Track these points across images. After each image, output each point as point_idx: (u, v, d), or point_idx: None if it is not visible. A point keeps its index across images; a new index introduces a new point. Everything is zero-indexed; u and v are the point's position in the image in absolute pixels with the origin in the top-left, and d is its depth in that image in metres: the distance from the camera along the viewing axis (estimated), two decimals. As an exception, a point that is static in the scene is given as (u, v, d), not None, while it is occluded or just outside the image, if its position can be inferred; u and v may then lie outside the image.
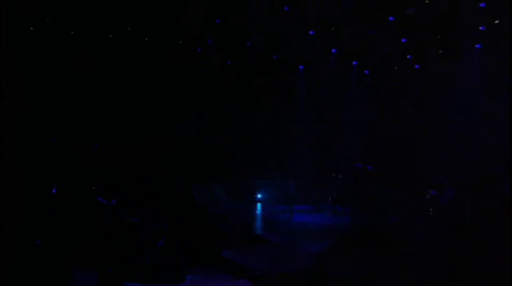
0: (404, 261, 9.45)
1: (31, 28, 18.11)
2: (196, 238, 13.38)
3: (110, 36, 20.35)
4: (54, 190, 14.21)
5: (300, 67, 24.18)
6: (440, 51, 21.24)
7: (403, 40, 20.59)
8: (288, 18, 20.40)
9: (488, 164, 16.77)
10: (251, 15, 19.93)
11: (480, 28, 18.75)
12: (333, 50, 22.53)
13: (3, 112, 11.61)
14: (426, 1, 18.34)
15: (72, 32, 19.35)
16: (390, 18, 19.24)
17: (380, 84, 23.44)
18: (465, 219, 10.31)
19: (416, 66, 22.68)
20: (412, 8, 18.41)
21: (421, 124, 21.95)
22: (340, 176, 23.40)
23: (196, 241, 12.77)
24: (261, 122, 24.01)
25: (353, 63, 23.39)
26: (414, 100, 22.69)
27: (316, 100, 24.54)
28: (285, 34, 20.95)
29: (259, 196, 20.61)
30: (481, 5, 17.97)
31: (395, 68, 23.47)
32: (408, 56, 21.91)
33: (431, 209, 15.06)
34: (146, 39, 21.19)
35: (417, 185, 17.65)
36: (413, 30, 19.72)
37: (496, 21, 18.32)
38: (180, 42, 21.76)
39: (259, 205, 20.10)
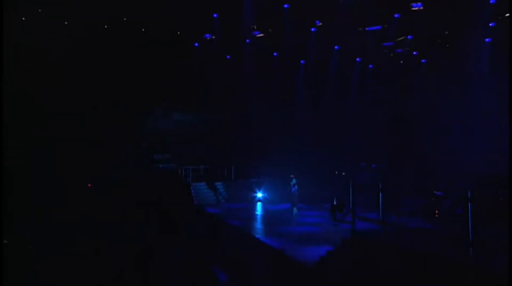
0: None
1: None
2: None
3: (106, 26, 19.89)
4: None
5: (302, 61, 23.77)
6: (448, 45, 20.82)
7: (409, 37, 20.10)
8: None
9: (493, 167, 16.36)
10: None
11: (490, 24, 18.22)
12: (336, 47, 22.13)
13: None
14: None
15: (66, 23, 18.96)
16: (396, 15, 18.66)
17: (385, 81, 23.13)
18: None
19: (423, 61, 22.28)
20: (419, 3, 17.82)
21: (427, 123, 21.67)
22: (343, 173, 23.14)
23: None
24: (262, 119, 23.80)
25: (357, 59, 23.10)
26: (420, 97, 22.34)
27: (319, 97, 24.26)
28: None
29: (259, 195, 20.08)
30: (492, 1, 17.49)
31: (401, 62, 23.07)
32: (414, 53, 21.54)
33: (436, 211, 14.69)
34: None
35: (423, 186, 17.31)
36: (420, 25, 19.14)
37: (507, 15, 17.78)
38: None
39: (259, 204, 19.60)
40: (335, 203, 13.27)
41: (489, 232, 9.93)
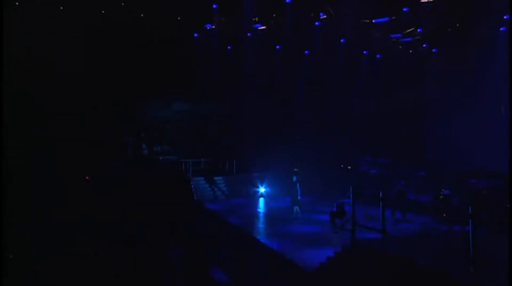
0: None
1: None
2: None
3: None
4: None
5: (306, 52, 23.13)
6: (457, 39, 20.03)
7: (419, 30, 19.36)
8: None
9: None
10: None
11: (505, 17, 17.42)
12: (342, 40, 21.43)
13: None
14: None
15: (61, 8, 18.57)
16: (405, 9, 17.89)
17: (391, 75, 22.54)
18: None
19: (434, 50, 21.58)
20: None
21: (435, 118, 21.14)
22: (349, 167, 22.84)
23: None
24: (265, 111, 23.40)
25: (364, 52, 22.42)
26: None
27: (323, 89, 23.75)
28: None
29: (262, 190, 19.60)
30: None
31: (410, 51, 22.39)
32: (424, 45, 20.82)
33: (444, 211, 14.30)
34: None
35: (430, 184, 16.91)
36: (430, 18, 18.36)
37: None
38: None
39: (261, 200, 19.25)
40: (334, 209, 12.95)
41: (494, 241, 9.59)
